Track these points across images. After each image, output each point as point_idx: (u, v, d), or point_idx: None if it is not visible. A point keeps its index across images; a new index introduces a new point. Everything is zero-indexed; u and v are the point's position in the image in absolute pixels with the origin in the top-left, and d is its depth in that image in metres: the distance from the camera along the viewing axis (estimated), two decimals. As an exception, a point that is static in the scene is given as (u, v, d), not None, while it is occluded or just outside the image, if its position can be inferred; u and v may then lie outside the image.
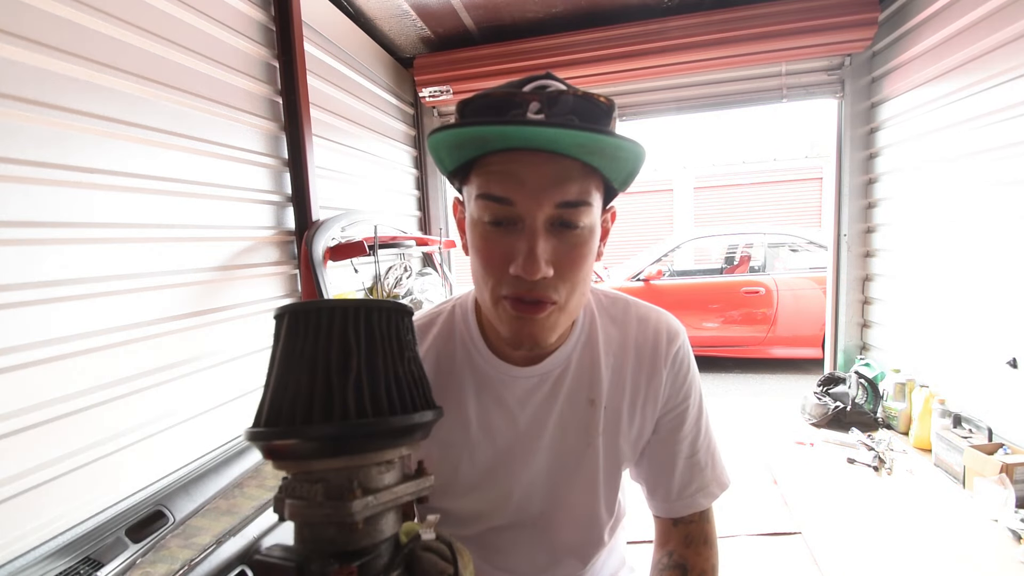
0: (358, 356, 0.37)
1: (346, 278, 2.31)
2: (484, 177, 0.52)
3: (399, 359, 0.39)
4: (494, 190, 0.51)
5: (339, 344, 0.37)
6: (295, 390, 0.36)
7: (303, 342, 0.37)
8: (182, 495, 1.32)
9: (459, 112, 0.51)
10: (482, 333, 0.65)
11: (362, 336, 0.37)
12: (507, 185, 0.50)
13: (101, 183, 1.23)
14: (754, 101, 3.00)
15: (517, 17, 2.73)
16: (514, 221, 0.51)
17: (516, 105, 0.49)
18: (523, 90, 0.51)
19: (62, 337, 1.14)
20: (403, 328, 0.41)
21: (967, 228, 2.11)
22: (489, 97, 0.50)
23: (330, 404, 0.35)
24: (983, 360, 2.00)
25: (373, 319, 0.38)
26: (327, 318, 0.37)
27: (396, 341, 0.40)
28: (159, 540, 1.18)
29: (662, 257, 4.98)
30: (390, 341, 0.39)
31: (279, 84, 1.87)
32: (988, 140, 1.97)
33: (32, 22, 1.08)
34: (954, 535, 1.57)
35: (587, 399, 0.66)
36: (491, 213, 0.52)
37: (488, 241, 0.53)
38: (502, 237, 0.52)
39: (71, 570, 1.05)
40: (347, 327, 0.37)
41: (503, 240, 0.52)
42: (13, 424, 1.04)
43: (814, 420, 2.54)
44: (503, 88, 0.52)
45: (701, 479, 0.70)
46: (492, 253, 0.53)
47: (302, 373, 0.36)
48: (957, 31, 2.07)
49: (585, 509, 0.69)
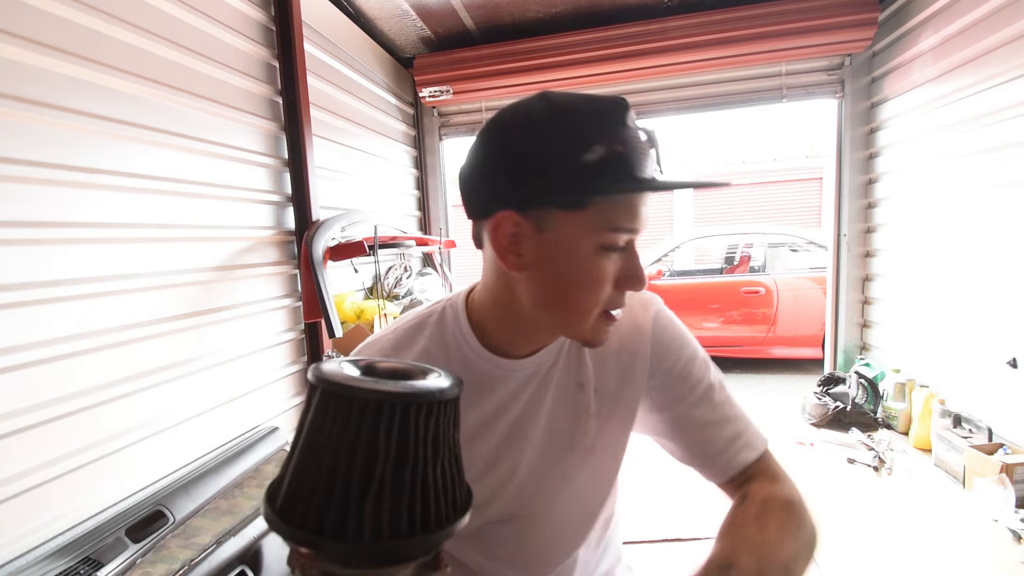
0: (384, 463, 0.33)
1: (346, 278, 2.31)
2: (613, 211, 0.54)
3: (432, 464, 0.35)
4: (625, 223, 0.55)
5: (367, 446, 0.33)
6: (312, 489, 0.34)
7: (328, 432, 0.34)
8: (182, 495, 1.32)
9: (625, 166, 0.53)
10: (474, 332, 0.66)
11: (394, 439, 0.34)
12: (637, 218, 0.56)
13: (101, 183, 1.23)
14: (754, 101, 3.00)
15: (517, 17, 2.73)
16: (624, 247, 0.57)
17: (656, 159, 0.56)
18: (644, 140, 0.55)
19: (62, 337, 1.14)
20: (444, 422, 0.37)
21: (967, 228, 2.11)
22: (638, 148, 0.54)
23: (344, 519, 0.33)
24: (983, 360, 2.00)
25: (411, 417, 0.34)
26: (359, 411, 0.33)
27: (433, 441, 0.35)
28: (159, 540, 1.18)
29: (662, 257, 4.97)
30: (425, 443, 0.35)
31: (279, 84, 1.87)
32: (988, 140, 1.97)
33: (32, 22, 1.08)
34: (954, 535, 1.57)
35: (576, 383, 0.68)
36: (612, 241, 0.55)
37: (601, 266, 0.56)
38: (610, 260, 0.56)
39: (71, 570, 1.05)
40: (379, 426, 0.33)
41: (611, 262, 0.56)
42: (13, 424, 1.04)
43: (814, 420, 2.54)
44: (642, 138, 0.55)
45: (734, 430, 0.67)
46: (605, 275, 0.57)
47: (322, 469, 0.34)
48: (957, 31, 2.07)
49: (580, 492, 0.70)
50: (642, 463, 2.27)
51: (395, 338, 0.68)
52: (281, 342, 1.88)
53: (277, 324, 1.87)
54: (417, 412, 0.34)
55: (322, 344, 1.99)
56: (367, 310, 2.21)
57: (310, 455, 0.34)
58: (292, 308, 1.95)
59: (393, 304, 2.43)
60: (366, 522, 0.32)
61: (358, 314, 2.21)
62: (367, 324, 2.11)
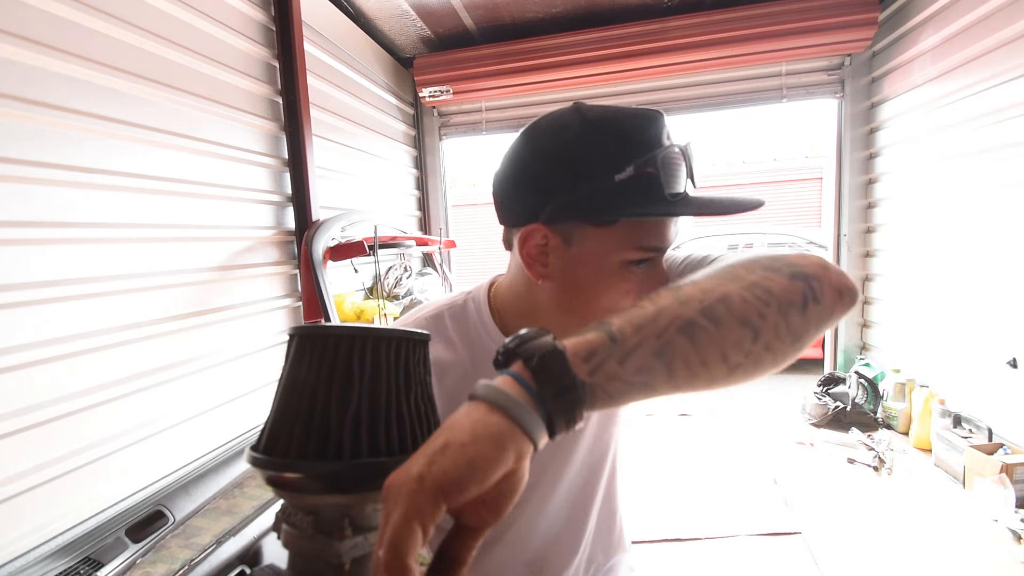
0: (360, 389, 0.35)
1: (346, 278, 2.31)
2: (642, 229, 0.56)
3: (404, 394, 0.38)
4: (653, 242, 0.56)
5: (342, 374, 0.36)
6: (294, 419, 0.35)
7: (307, 368, 0.36)
8: (182, 495, 1.32)
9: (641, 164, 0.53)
10: (497, 326, 0.67)
11: (367, 367, 0.36)
12: (665, 237, 0.57)
13: (101, 183, 1.23)
14: (754, 101, 3.00)
15: (517, 17, 2.73)
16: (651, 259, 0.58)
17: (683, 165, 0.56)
18: (677, 153, 0.56)
19: (61, 337, 1.14)
20: (413, 360, 0.39)
21: (967, 228, 2.11)
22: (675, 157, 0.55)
23: (326, 440, 0.34)
24: (983, 360, 2.00)
25: (381, 349, 0.37)
26: (333, 345, 0.36)
27: (404, 374, 0.38)
28: (159, 540, 1.18)
29: (662, 257, 4.98)
30: (396, 374, 0.37)
31: (279, 84, 1.87)
32: (988, 140, 1.96)
33: (32, 22, 1.08)
34: (954, 535, 1.57)
35: None
36: (639, 257, 0.57)
37: (626, 280, 0.58)
38: (635, 274, 0.58)
39: (71, 570, 1.05)
40: (352, 357, 0.36)
41: (635, 276, 0.58)
42: (13, 424, 1.04)
43: (814, 420, 2.54)
44: (683, 157, 0.56)
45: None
46: (630, 289, 0.58)
47: (303, 401, 0.36)
48: (957, 31, 2.07)
49: (582, 476, 0.73)
50: (642, 463, 2.27)
51: (416, 325, 0.68)
52: (281, 342, 1.88)
53: (277, 324, 1.87)
54: (387, 346, 0.37)
55: (322, 344, 1.99)
56: (367, 310, 2.21)
57: (290, 394, 0.36)
58: (292, 308, 1.95)
59: (393, 304, 2.43)
60: (346, 442, 0.34)
61: (358, 314, 2.22)
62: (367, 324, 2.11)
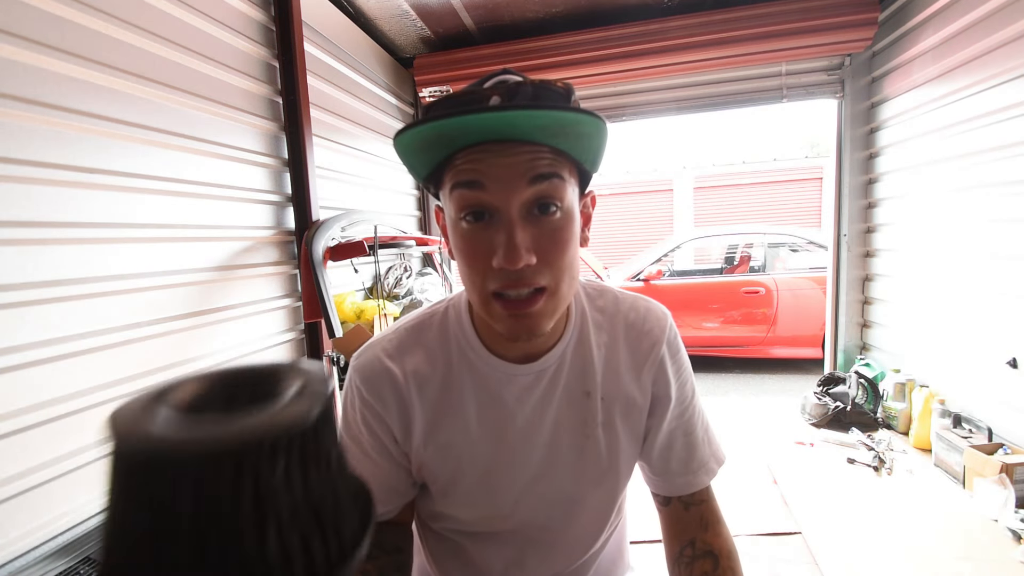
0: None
1: (346, 278, 2.31)
2: (454, 171, 0.53)
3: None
4: (463, 177, 0.52)
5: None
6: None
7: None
8: (182, 495, 1.31)
9: (424, 115, 0.52)
10: (476, 333, 0.66)
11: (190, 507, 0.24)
12: (476, 172, 0.52)
13: (101, 183, 1.23)
14: (754, 101, 3.00)
15: (517, 17, 2.73)
16: (491, 213, 0.53)
17: (477, 100, 0.51)
18: (483, 87, 0.53)
19: (62, 337, 1.14)
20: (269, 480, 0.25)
21: (967, 228, 2.11)
22: (451, 98, 0.52)
23: None
24: (983, 360, 2.00)
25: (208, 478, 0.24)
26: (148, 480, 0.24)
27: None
28: (159, 540, 1.18)
29: (662, 257, 4.97)
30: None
31: (279, 84, 1.87)
32: (988, 140, 1.97)
33: (32, 22, 1.08)
34: (954, 535, 1.57)
35: (583, 391, 0.66)
36: (465, 203, 0.53)
37: (468, 239, 0.54)
38: (481, 233, 0.53)
39: (71, 570, 1.05)
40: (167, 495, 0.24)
41: (482, 236, 0.53)
42: (13, 424, 1.04)
43: (814, 420, 2.54)
44: (464, 88, 0.54)
45: (700, 456, 0.72)
46: (475, 250, 0.54)
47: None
48: (957, 31, 2.07)
49: (587, 502, 0.69)
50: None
51: (397, 338, 0.67)
52: (281, 342, 1.88)
53: (277, 324, 1.87)
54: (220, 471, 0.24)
55: (322, 344, 1.99)
56: (367, 310, 2.21)
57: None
58: (292, 308, 1.95)
59: (393, 304, 2.43)
60: None
61: (358, 314, 2.21)
62: (367, 324, 2.11)
